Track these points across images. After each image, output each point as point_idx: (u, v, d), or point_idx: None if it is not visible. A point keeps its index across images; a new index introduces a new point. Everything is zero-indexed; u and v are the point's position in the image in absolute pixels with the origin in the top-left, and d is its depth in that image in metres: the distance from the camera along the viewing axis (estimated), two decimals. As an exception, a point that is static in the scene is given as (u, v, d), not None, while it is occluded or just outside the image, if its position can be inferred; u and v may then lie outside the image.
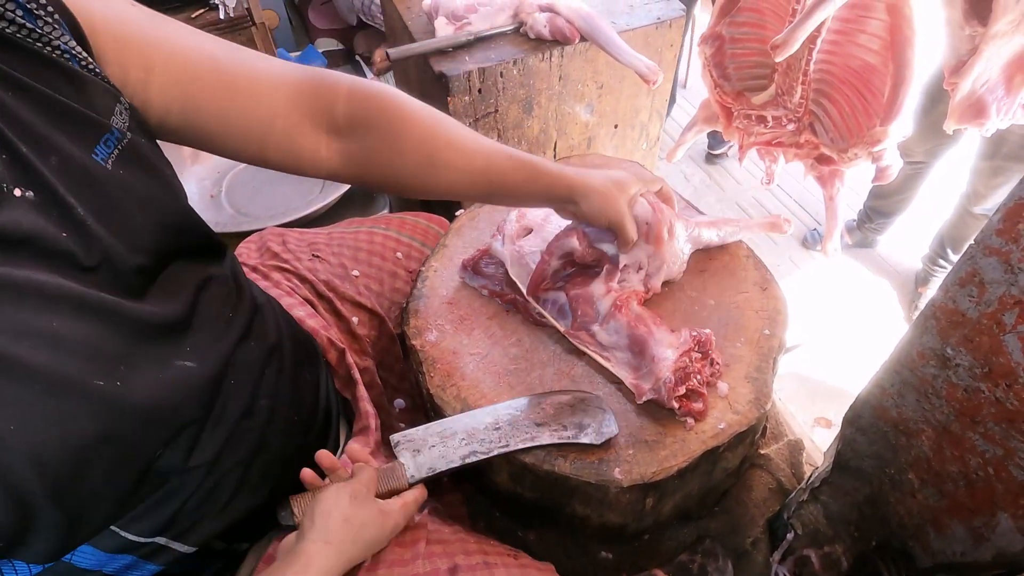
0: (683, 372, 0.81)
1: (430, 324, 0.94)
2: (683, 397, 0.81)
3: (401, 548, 0.68)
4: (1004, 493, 0.60)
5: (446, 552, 0.70)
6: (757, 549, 1.01)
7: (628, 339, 0.86)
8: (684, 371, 0.81)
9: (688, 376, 0.81)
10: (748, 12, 1.06)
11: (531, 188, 0.75)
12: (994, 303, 0.53)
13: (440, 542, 0.71)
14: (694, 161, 2.60)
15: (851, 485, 0.83)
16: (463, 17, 1.27)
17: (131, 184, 0.51)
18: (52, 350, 0.44)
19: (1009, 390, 0.55)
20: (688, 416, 0.81)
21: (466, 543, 0.74)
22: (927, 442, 0.67)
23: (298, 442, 0.69)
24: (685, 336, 0.84)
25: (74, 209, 0.46)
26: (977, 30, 0.78)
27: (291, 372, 0.68)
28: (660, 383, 0.80)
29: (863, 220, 2.23)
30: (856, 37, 0.94)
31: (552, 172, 0.75)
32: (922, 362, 0.63)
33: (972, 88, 0.84)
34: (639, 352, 0.85)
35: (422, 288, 0.99)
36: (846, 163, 1.04)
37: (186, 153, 1.53)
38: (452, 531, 0.76)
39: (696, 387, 0.81)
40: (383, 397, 0.90)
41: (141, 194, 0.52)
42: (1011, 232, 0.49)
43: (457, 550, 0.71)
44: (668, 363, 0.81)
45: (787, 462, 1.09)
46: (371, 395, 0.85)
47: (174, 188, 0.58)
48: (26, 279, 0.43)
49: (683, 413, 0.81)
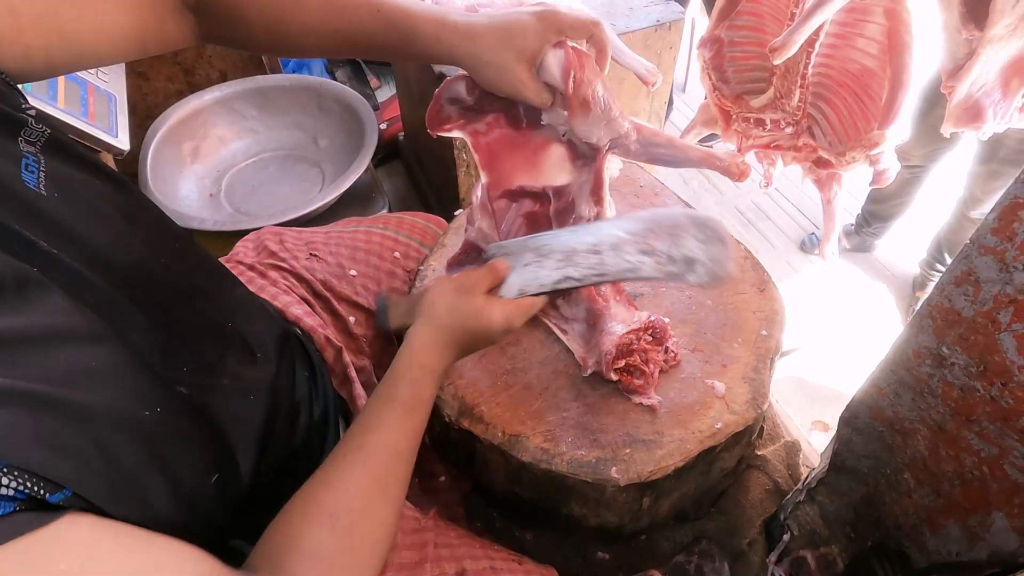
0: (626, 347, 0.83)
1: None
2: (623, 371, 0.83)
3: (408, 551, 0.67)
4: (999, 492, 0.61)
5: (453, 556, 0.70)
6: (753, 550, 1.01)
7: (586, 312, 0.87)
8: (627, 347, 0.83)
9: (631, 352, 0.82)
10: (747, 15, 1.07)
11: (407, 51, 0.66)
12: (989, 302, 0.53)
13: (447, 546, 0.72)
14: (693, 165, 2.61)
15: (847, 485, 0.83)
16: (464, 18, 1.27)
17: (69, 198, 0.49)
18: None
19: (1004, 389, 0.55)
20: (630, 392, 0.83)
21: (472, 548, 0.74)
22: (923, 442, 0.67)
23: (298, 439, 0.69)
24: (640, 316, 0.85)
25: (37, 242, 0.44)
26: (974, 34, 0.79)
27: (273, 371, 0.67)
28: (601, 355, 0.82)
29: (861, 224, 2.24)
30: (854, 41, 0.95)
31: (428, 34, 0.64)
32: (918, 361, 0.63)
33: (969, 92, 0.84)
34: (593, 325, 0.86)
35: (420, 288, 0.99)
36: (844, 166, 1.04)
37: (185, 152, 1.53)
38: (457, 535, 0.76)
39: (638, 364, 0.83)
40: None
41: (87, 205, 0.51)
42: (1006, 231, 0.49)
43: (464, 554, 0.71)
44: (613, 337, 0.83)
45: (784, 463, 1.09)
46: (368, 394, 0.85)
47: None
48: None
49: (624, 388, 0.83)
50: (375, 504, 0.54)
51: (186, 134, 1.52)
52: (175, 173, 1.48)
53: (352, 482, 0.53)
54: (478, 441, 0.82)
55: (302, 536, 0.49)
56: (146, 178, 1.33)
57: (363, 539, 0.52)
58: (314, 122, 1.63)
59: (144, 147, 1.40)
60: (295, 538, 0.49)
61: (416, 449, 0.61)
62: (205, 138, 1.57)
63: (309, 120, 1.63)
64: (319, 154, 1.60)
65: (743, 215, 2.42)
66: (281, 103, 1.62)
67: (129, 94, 1.42)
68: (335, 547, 0.50)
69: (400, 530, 0.69)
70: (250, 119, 1.62)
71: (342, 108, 1.56)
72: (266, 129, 1.63)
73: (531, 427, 0.82)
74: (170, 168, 1.46)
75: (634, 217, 0.69)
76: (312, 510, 0.51)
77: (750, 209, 2.43)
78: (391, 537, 0.56)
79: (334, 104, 1.58)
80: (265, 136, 1.63)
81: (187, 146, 1.53)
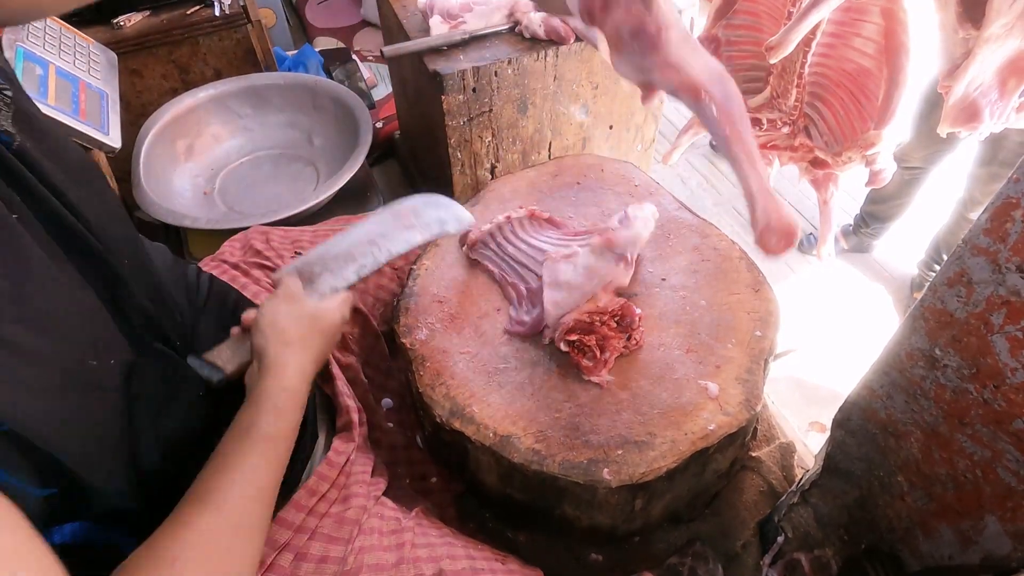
0: (584, 325, 0.87)
1: (420, 322, 0.94)
2: (575, 347, 0.87)
3: (386, 552, 0.67)
4: (992, 496, 0.60)
5: (432, 556, 0.69)
6: (747, 552, 1.01)
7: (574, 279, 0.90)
8: (587, 325, 0.87)
9: (591, 330, 0.87)
10: (744, 15, 1.06)
11: None
12: (982, 303, 0.52)
13: (426, 545, 0.71)
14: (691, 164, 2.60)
15: (841, 488, 0.83)
16: (458, 16, 1.26)
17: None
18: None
19: (997, 391, 0.54)
20: (578, 368, 0.87)
21: (453, 546, 0.73)
22: (916, 444, 0.67)
23: None
24: (610, 300, 0.90)
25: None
26: (971, 33, 0.78)
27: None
28: (558, 323, 0.88)
29: (859, 225, 2.23)
30: (851, 40, 0.94)
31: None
32: (911, 363, 0.62)
33: (966, 92, 0.84)
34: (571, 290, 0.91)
35: (413, 286, 0.99)
36: (840, 167, 1.04)
37: (180, 150, 1.52)
38: (439, 534, 0.75)
39: (592, 345, 0.86)
40: (369, 395, 0.89)
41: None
42: (998, 231, 0.48)
43: (443, 554, 0.70)
44: (574, 313, 0.88)
45: (778, 465, 1.08)
46: (356, 392, 0.85)
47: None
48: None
49: (573, 363, 0.88)
50: (228, 552, 0.48)
51: (180, 132, 1.51)
52: (169, 171, 1.47)
53: (202, 530, 0.47)
54: (469, 442, 0.82)
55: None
56: (139, 175, 1.32)
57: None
58: (309, 120, 1.61)
59: (137, 144, 1.39)
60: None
61: (279, 481, 0.55)
62: (199, 136, 1.55)
63: (304, 118, 1.62)
64: (313, 153, 1.59)
65: (741, 215, 2.41)
66: (276, 101, 1.61)
67: (123, 91, 1.41)
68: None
69: (378, 531, 0.68)
70: (244, 117, 1.60)
71: (337, 107, 1.55)
72: (260, 127, 1.62)
73: (523, 428, 0.82)
74: (164, 166, 1.45)
75: (384, 210, 0.84)
76: (154, 561, 0.44)
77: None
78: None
79: (329, 102, 1.57)
80: (259, 134, 1.61)
81: (181, 144, 1.52)
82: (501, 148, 1.38)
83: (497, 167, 1.42)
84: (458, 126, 1.28)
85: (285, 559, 0.62)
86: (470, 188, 1.42)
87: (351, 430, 0.75)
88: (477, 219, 1.07)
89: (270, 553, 0.62)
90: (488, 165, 1.40)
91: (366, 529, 0.68)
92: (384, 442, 0.90)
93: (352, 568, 0.64)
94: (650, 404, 0.83)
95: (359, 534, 0.67)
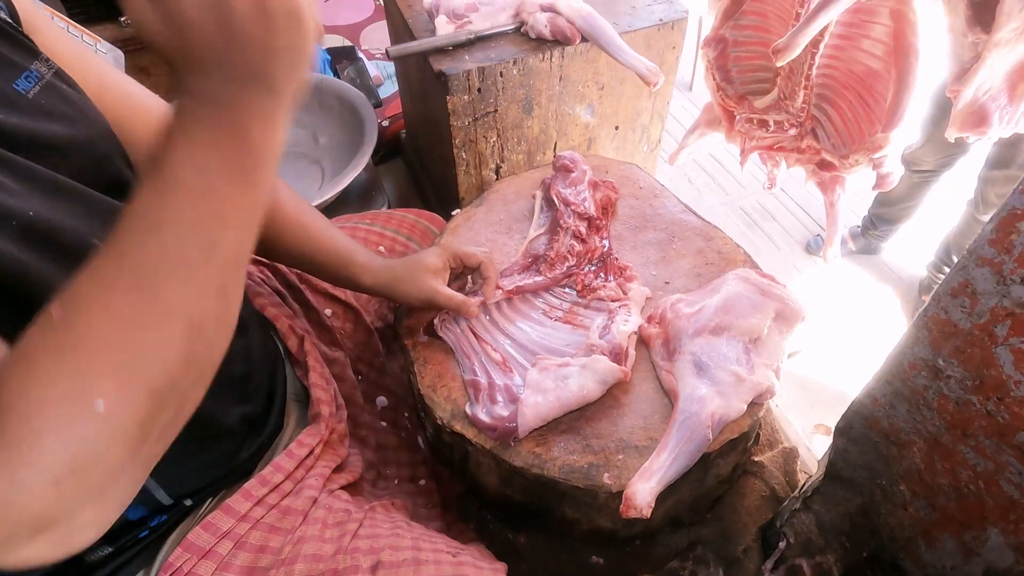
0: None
1: (422, 324, 0.94)
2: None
3: (328, 543, 0.65)
4: (995, 508, 0.59)
5: (372, 548, 0.67)
6: (749, 557, 1.00)
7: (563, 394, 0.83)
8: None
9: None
10: (752, 16, 1.05)
11: (340, 274, 0.84)
12: (986, 314, 0.52)
13: (370, 536, 0.68)
14: (698, 164, 2.59)
15: (843, 495, 0.82)
16: (463, 16, 1.26)
17: (52, 111, 0.53)
18: None
19: (1000, 403, 0.54)
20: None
21: (399, 538, 0.70)
22: (918, 454, 0.66)
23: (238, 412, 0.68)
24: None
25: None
26: (980, 37, 0.77)
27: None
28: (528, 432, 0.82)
29: (867, 226, 2.21)
30: (859, 42, 0.93)
31: (357, 263, 0.83)
32: (913, 373, 0.62)
33: (974, 96, 0.83)
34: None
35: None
36: (847, 169, 1.03)
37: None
38: (391, 526, 0.72)
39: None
40: (357, 391, 0.89)
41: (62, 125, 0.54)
42: (1003, 242, 0.48)
43: (385, 545, 0.68)
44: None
45: (781, 470, 1.08)
46: (342, 388, 0.84)
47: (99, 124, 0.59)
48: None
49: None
50: (110, 293, 0.37)
51: (187, 130, 1.52)
52: (176, 169, 1.48)
53: (89, 270, 0.38)
54: (470, 444, 0.82)
55: (24, 337, 0.37)
56: (146, 174, 1.33)
57: (82, 338, 0.37)
58: (314, 119, 1.62)
59: (145, 143, 1.40)
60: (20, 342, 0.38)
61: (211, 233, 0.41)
62: (206, 134, 1.57)
63: (309, 117, 1.62)
64: (319, 151, 1.60)
65: (748, 215, 2.40)
66: (282, 99, 1.62)
67: (130, 89, 1.41)
68: (42, 347, 0.36)
69: (322, 522, 0.67)
70: (251, 115, 1.62)
71: (342, 105, 1.56)
72: (267, 125, 1.63)
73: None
74: (171, 164, 1.46)
75: None
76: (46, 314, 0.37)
77: (755, 210, 2.41)
78: (144, 341, 0.38)
79: (334, 101, 1.57)
80: (266, 132, 1.63)
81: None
82: (506, 148, 1.38)
83: (502, 167, 1.41)
84: (463, 126, 1.28)
85: (224, 547, 0.62)
86: (475, 188, 1.42)
87: (319, 423, 0.75)
88: (481, 220, 1.07)
89: (210, 540, 0.61)
90: (493, 165, 1.40)
91: (310, 520, 0.67)
92: (372, 440, 0.89)
93: (288, 557, 0.63)
94: (652, 409, 0.83)
95: (302, 524, 0.66)
